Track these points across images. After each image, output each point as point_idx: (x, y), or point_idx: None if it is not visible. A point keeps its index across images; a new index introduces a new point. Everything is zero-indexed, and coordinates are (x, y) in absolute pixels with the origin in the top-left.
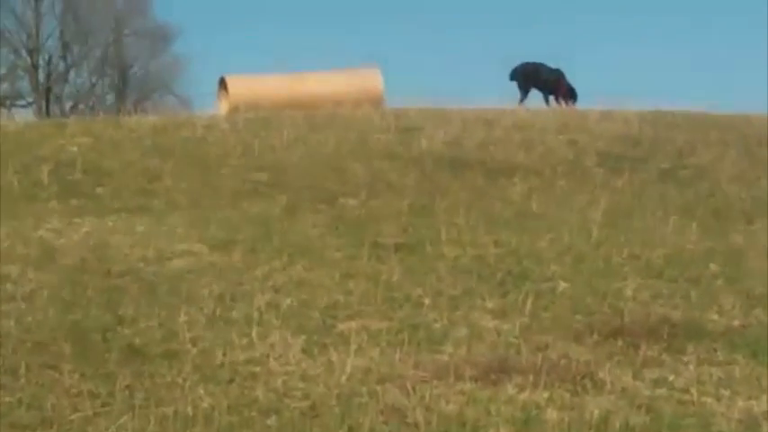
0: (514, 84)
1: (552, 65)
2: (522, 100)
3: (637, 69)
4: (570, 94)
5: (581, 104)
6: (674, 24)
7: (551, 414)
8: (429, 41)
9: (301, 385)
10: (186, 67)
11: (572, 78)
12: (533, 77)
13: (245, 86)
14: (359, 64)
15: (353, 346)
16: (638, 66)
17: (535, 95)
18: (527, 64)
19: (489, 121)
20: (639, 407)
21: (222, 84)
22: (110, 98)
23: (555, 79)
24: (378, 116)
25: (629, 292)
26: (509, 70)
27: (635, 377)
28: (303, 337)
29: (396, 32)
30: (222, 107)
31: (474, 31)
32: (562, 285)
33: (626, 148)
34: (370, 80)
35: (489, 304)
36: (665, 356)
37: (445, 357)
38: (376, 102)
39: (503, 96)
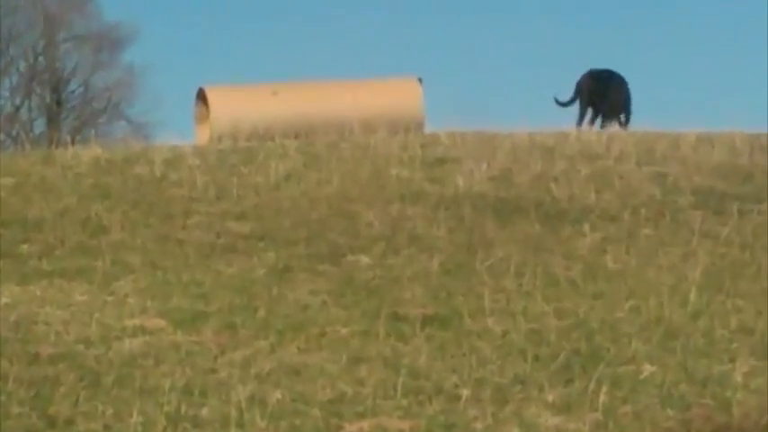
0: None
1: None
2: (582, 120)
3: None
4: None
5: (672, 126)
6: None
7: None
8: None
9: None
10: (143, 81)
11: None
12: (601, 92)
13: (234, 102)
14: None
15: None
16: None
17: None
18: (592, 74)
19: (549, 149)
20: None
21: (201, 98)
22: (39, 125)
23: (627, 97)
24: (397, 145)
25: (738, 378)
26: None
27: None
28: None
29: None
30: (201, 133)
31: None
32: (648, 369)
33: (732, 183)
34: (404, 95)
35: (549, 396)
36: None
37: None
38: (416, 125)
39: (566, 116)
